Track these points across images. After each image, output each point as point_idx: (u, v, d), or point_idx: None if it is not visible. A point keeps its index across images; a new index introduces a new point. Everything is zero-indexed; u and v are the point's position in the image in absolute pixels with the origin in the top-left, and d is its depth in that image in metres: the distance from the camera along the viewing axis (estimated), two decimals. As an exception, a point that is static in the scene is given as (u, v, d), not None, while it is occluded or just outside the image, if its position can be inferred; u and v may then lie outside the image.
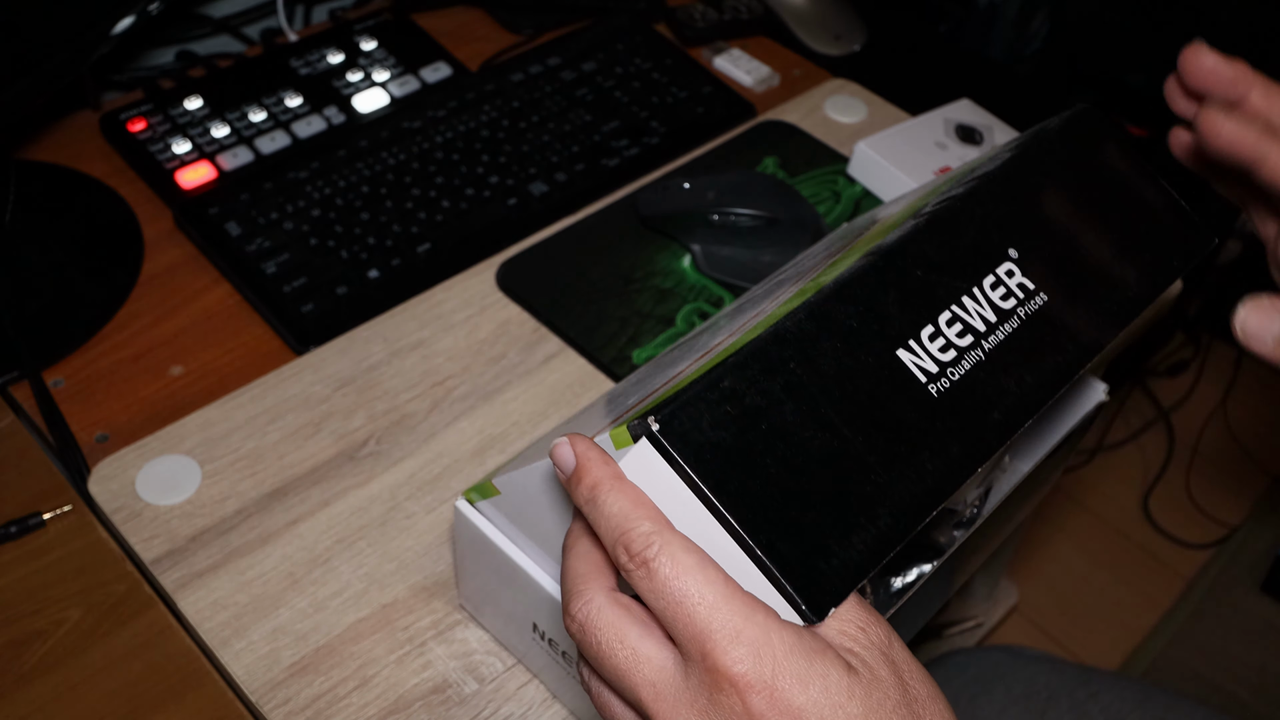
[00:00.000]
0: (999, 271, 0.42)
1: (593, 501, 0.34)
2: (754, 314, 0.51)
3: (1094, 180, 0.47)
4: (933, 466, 0.37)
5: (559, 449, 0.35)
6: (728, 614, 0.31)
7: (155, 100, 0.78)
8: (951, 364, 0.39)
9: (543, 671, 0.49)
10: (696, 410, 0.33)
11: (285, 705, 0.49)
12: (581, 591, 0.34)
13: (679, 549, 0.32)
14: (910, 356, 0.38)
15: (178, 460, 0.57)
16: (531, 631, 0.47)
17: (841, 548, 0.34)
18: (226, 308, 0.67)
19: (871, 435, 0.36)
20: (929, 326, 0.39)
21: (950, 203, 0.42)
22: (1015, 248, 0.43)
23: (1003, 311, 0.41)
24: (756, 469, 0.34)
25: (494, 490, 0.43)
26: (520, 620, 0.47)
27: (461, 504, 0.45)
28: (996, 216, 0.43)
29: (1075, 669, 0.79)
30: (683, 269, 0.69)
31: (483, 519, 0.45)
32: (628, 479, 0.34)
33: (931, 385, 0.38)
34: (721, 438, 0.34)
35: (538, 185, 0.74)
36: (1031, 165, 0.45)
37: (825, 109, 0.82)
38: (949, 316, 0.40)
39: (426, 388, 0.62)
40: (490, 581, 0.47)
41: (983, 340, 0.40)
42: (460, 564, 0.50)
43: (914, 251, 0.41)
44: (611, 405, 0.45)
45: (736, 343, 0.37)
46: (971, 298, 0.41)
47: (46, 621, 0.52)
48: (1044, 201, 0.45)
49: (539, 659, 0.48)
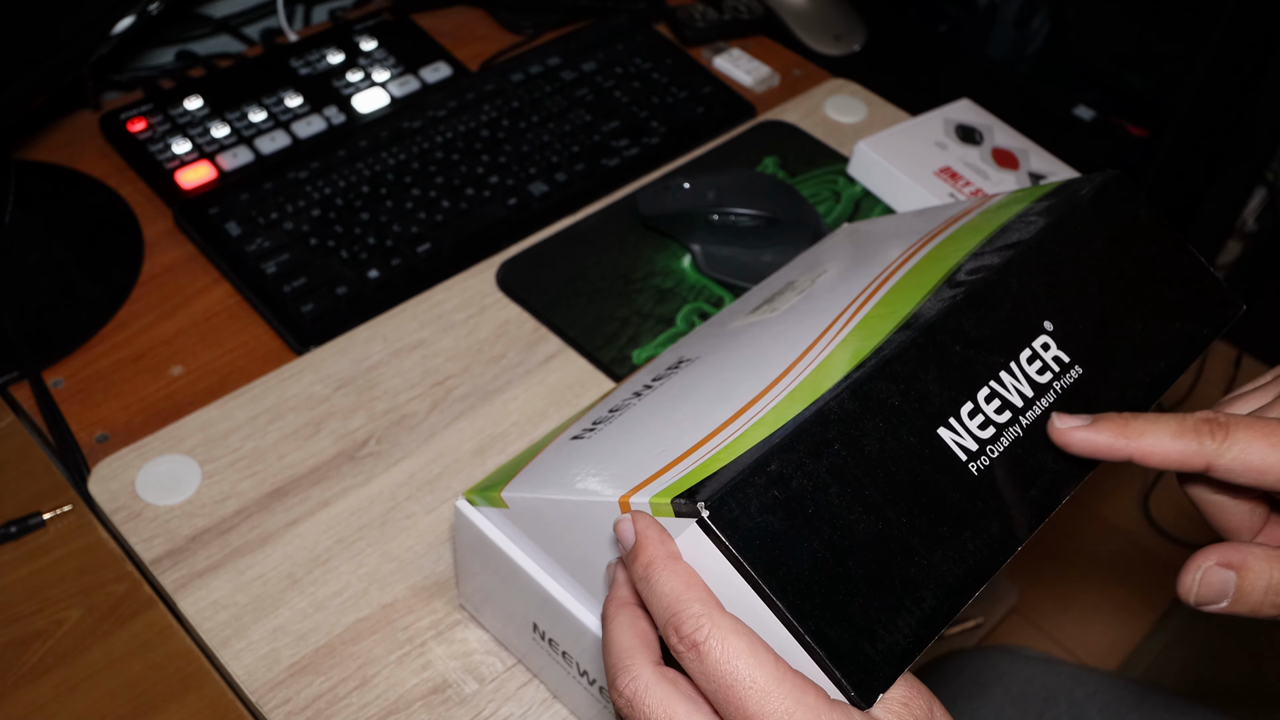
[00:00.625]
0: (1035, 345, 0.42)
1: (646, 580, 0.34)
2: (761, 313, 0.51)
3: (1126, 250, 0.47)
4: (974, 546, 0.37)
5: (622, 525, 0.36)
6: (780, 697, 0.31)
7: (155, 100, 0.78)
8: (991, 441, 0.39)
9: (543, 671, 0.49)
10: (745, 495, 0.34)
11: (285, 705, 0.49)
12: (629, 666, 0.34)
13: (729, 631, 0.32)
14: (951, 435, 0.39)
15: (178, 460, 0.57)
16: (532, 632, 0.47)
17: (888, 631, 0.34)
18: (226, 308, 0.67)
19: (915, 516, 0.36)
20: (969, 403, 0.40)
21: (987, 274, 0.43)
22: (1050, 320, 0.43)
23: (1039, 386, 0.41)
24: (804, 554, 0.34)
25: (501, 503, 0.43)
26: (520, 621, 0.47)
27: (462, 504, 0.46)
28: (1032, 289, 0.43)
29: (1073, 669, 0.79)
30: (683, 269, 0.70)
31: (483, 519, 0.45)
32: (682, 559, 0.34)
33: (972, 464, 0.39)
34: (770, 522, 0.34)
35: (538, 185, 0.74)
36: (1065, 235, 0.45)
37: (825, 109, 0.82)
38: (988, 393, 0.40)
39: (426, 388, 0.62)
40: (490, 582, 0.47)
41: (1020, 416, 0.41)
42: (460, 564, 0.50)
43: (953, 326, 0.41)
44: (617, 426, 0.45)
45: (775, 413, 0.37)
46: (1009, 373, 0.41)
47: (46, 621, 0.52)
48: (1078, 273, 0.45)
49: (539, 659, 0.48)
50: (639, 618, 0.36)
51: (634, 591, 0.37)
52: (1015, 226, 0.46)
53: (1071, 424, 0.39)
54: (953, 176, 0.72)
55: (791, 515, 0.34)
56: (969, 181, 0.72)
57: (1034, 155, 0.75)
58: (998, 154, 0.75)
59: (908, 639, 0.34)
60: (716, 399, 0.42)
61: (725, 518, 0.33)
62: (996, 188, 0.72)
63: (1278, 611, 0.38)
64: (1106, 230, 0.47)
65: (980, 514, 0.38)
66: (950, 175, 0.72)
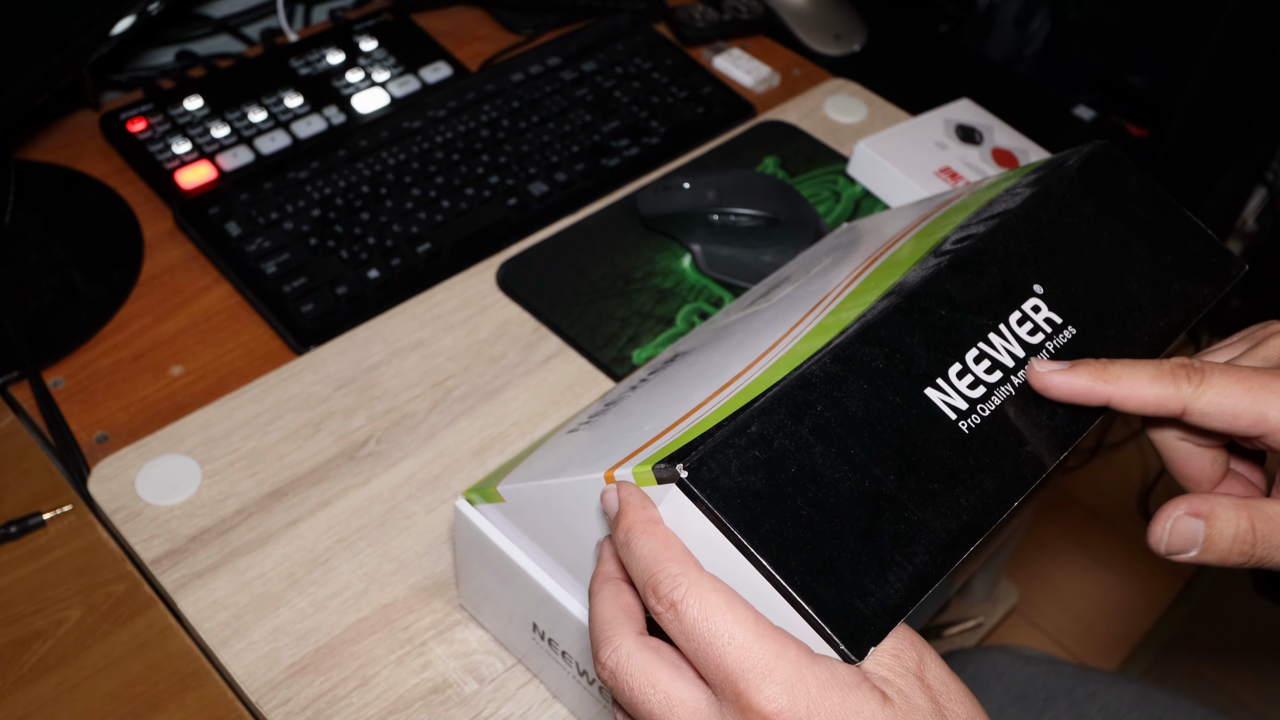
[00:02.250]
0: (1025, 308, 0.42)
1: (626, 545, 0.34)
2: (755, 313, 0.51)
3: (1117, 214, 0.47)
4: (968, 502, 0.37)
5: (607, 494, 0.36)
6: (759, 652, 0.31)
7: (155, 100, 0.78)
8: (981, 400, 0.39)
9: (543, 671, 0.49)
10: (725, 455, 0.34)
11: (285, 705, 0.49)
12: (610, 638, 0.34)
13: (707, 589, 0.32)
14: (939, 395, 0.39)
15: (178, 460, 0.57)
16: (531, 631, 0.47)
17: (878, 586, 0.34)
18: (226, 308, 0.67)
19: (904, 474, 0.36)
20: (956, 365, 0.40)
21: (972, 242, 0.43)
22: (1040, 283, 0.43)
23: (1031, 346, 0.41)
24: (788, 512, 0.34)
25: (498, 497, 0.43)
26: (520, 620, 0.47)
27: (461, 503, 0.46)
28: (1020, 253, 0.43)
29: (1073, 669, 0.79)
30: (683, 269, 0.70)
31: (483, 519, 0.45)
32: (662, 523, 0.34)
33: (962, 422, 0.38)
34: (751, 482, 0.34)
35: (538, 185, 0.74)
36: (1053, 201, 0.45)
37: (825, 109, 0.82)
38: (976, 354, 0.40)
39: (426, 388, 0.62)
40: (490, 582, 0.47)
41: (1012, 375, 0.40)
42: (460, 564, 0.50)
43: (938, 291, 0.41)
44: (615, 417, 0.45)
45: (758, 383, 0.37)
46: (999, 334, 0.41)
47: (46, 621, 0.52)
48: (1068, 237, 0.45)
49: (539, 659, 0.48)
50: (622, 591, 0.36)
51: (619, 565, 0.37)
52: (1002, 199, 0.46)
53: (1050, 368, 0.39)
54: (953, 176, 0.72)
55: (774, 475, 0.34)
56: (969, 181, 0.72)
57: (1034, 155, 0.75)
58: (998, 154, 0.75)
59: (899, 594, 0.34)
60: (702, 381, 0.42)
61: (704, 478, 0.33)
62: (996, 188, 0.72)
63: (1245, 559, 0.39)
64: (1096, 197, 0.46)
65: (973, 470, 0.38)
66: (950, 175, 0.72)
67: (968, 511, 0.37)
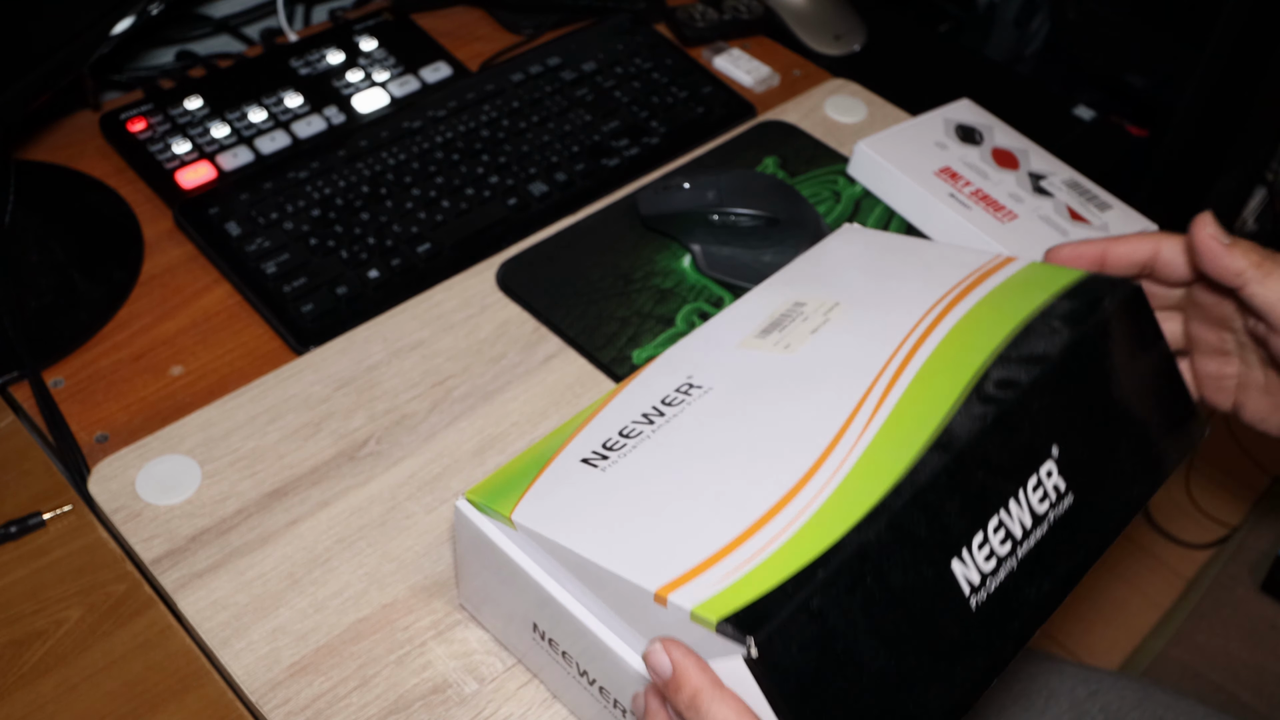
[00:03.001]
0: (1041, 472, 0.43)
1: (695, 708, 0.35)
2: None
3: (1132, 372, 0.48)
4: (961, 679, 0.38)
5: (655, 656, 0.37)
6: None
7: (155, 100, 0.78)
8: (991, 574, 0.40)
9: (543, 671, 0.49)
10: (788, 633, 0.35)
11: (285, 705, 0.49)
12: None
13: None
14: (961, 568, 0.40)
15: (178, 460, 0.57)
16: (532, 632, 0.47)
17: None
18: (226, 308, 0.67)
19: (921, 653, 0.38)
20: (980, 534, 0.41)
21: (1015, 395, 0.43)
22: (1058, 444, 0.44)
23: (1038, 517, 0.42)
24: (829, 693, 0.36)
25: (509, 523, 0.43)
26: (521, 621, 0.47)
27: (463, 505, 0.45)
28: (1050, 410, 0.44)
29: (1074, 668, 0.79)
30: (683, 269, 0.70)
31: (484, 519, 0.45)
32: (725, 688, 0.36)
33: (973, 598, 0.40)
34: (806, 661, 0.35)
35: (538, 185, 0.74)
36: (1085, 353, 0.46)
37: (825, 109, 0.82)
38: (996, 523, 0.41)
39: (426, 388, 0.62)
40: (491, 582, 0.47)
41: (1018, 548, 0.41)
42: (460, 564, 0.50)
43: (980, 452, 0.42)
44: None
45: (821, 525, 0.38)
46: (1017, 502, 0.42)
47: (46, 621, 0.52)
48: (1090, 393, 0.46)
49: (540, 659, 0.48)
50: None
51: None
52: (1039, 330, 0.46)
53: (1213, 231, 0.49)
54: (953, 176, 0.72)
55: (824, 653, 0.36)
56: (969, 181, 0.72)
57: (1034, 155, 0.75)
58: (998, 154, 0.75)
59: None
60: (750, 476, 0.42)
61: (769, 659, 0.35)
62: (996, 188, 0.72)
63: None
64: (1121, 349, 0.48)
65: (971, 648, 0.39)
66: (950, 175, 0.72)
67: (959, 690, 0.38)
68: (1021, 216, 0.70)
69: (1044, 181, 0.73)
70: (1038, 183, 0.73)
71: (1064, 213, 0.71)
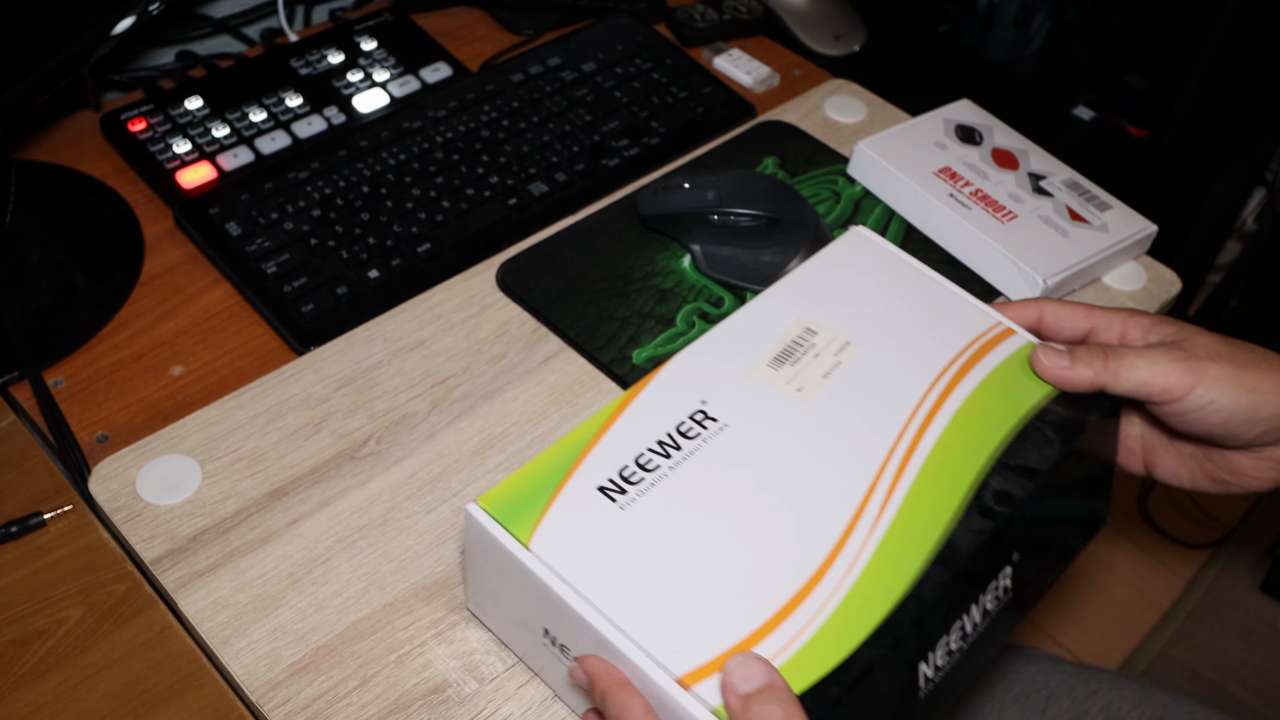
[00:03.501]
0: (1000, 576, 0.46)
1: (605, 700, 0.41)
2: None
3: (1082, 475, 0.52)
4: None
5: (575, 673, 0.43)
6: None
7: (155, 100, 0.78)
8: (943, 668, 0.43)
9: (546, 671, 0.49)
10: None
11: (285, 705, 0.49)
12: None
13: None
14: (925, 668, 0.42)
15: (178, 460, 0.57)
16: (542, 636, 0.47)
17: None
18: (226, 308, 0.67)
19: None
20: (945, 637, 0.43)
21: (1008, 513, 0.45)
22: (1019, 551, 0.46)
23: (987, 614, 0.45)
24: None
25: (526, 547, 0.44)
26: (532, 626, 0.47)
27: (474, 510, 0.45)
28: (1025, 523, 0.46)
29: (1075, 668, 0.79)
30: (683, 269, 0.70)
31: (497, 528, 0.45)
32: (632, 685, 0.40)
33: (924, 688, 0.42)
34: None
35: (538, 185, 0.74)
36: (1067, 470, 0.49)
37: (825, 109, 0.82)
38: (960, 625, 0.44)
39: (426, 388, 0.62)
40: (500, 587, 0.47)
41: (965, 643, 0.44)
42: (469, 568, 0.49)
43: (972, 567, 0.44)
44: None
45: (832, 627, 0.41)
46: (977, 604, 0.44)
47: (47, 621, 0.52)
48: (1055, 505, 0.49)
49: (545, 660, 0.48)
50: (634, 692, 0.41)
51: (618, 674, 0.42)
52: (1034, 437, 0.49)
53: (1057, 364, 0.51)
54: (952, 177, 0.72)
55: None
56: (969, 182, 0.72)
57: (1034, 155, 0.75)
58: (997, 154, 0.75)
59: None
60: (770, 551, 0.43)
61: None
62: (996, 188, 0.72)
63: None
64: (1087, 458, 0.51)
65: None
66: (950, 175, 0.72)
67: None
68: (1021, 216, 0.70)
69: (1044, 182, 0.73)
70: (1037, 183, 0.73)
71: (1064, 213, 0.71)
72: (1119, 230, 0.70)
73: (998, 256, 0.68)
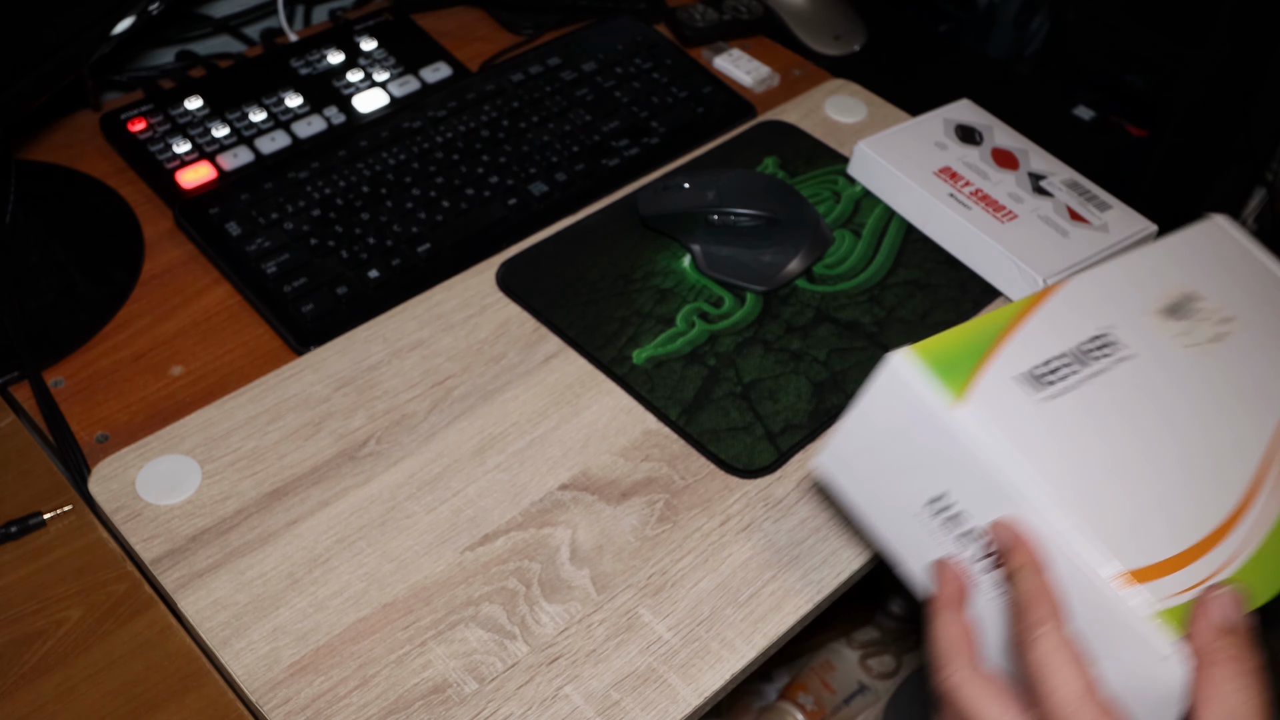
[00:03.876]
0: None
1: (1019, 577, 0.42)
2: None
3: None
4: None
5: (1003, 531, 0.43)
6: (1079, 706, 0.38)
7: (155, 100, 0.78)
8: None
9: (904, 544, 0.48)
10: None
11: (285, 705, 0.49)
12: (953, 659, 0.43)
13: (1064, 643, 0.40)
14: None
15: (178, 460, 0.57)
16: (927, 505, 0.46)
17: None
18: (226, 308, 0.67)
19: None
20: None
21: None
22: None
23: None
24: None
25: (954, 405, 0.44)
26: (919, 490, 0.46)
27: (897, 359, 0.44)
28: None
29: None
30: (683, 269, 0.70)
31: (921, 379, 0.44)
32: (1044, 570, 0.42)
33: None
34: None
35: (538, 185, 0.74)
36: None
37: (825, 109, 0.82)
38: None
39: (426, 388, 0.62)
40: (895, 444, 0.46)
41: None
42: (859, 421, 0.48)
43: None
44: None
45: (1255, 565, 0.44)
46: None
47: (47, 621, 0.52)
48: None
49: (914, 535, 0.47)
50: (960, 619, 0.44)
51: (958, 592, 0.44)
52: None
53: None
54: (952, 176, 0.72)
55: None
56: (969, 182, 0.72)
57: (1034, 155, 0.75)
58: (997, 154, 0.75)
59: None
60: (1197, 470, 0.45)
61: None
62: (996, 188, 0.72)
63: None
64: None
65: None
66: (950, 175, 0.72)
67: None
68: (1021, 216, 0.70)
69: (1044, 181, 0.73)
70: (1037, 183, 0.73)
71: (1064, 213, 0.71)
72: (1119, 230, 0.70)
73: (998, 256, 0.68)
